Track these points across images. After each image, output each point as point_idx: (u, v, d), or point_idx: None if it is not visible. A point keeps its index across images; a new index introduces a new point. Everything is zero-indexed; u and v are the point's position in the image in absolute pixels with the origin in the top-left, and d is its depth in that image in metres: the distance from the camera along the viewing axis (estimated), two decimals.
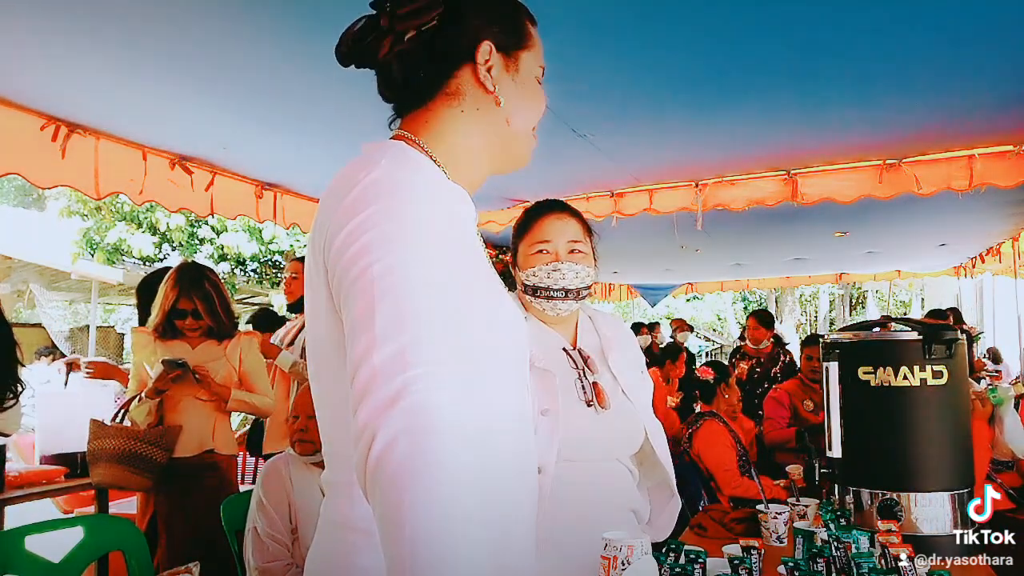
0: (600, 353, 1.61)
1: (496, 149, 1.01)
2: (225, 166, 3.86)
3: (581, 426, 1.48)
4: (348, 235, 0.81)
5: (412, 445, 0.68)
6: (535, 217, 1.63)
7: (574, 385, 1.53)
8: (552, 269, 1.56)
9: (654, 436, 1.58)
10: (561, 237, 1.59)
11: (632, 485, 1.58)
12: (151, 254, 9.90)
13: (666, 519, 1.63)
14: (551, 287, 1.56)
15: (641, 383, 1.64)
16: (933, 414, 1.76)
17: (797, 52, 2.69)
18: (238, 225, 9.75)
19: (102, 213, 9.50)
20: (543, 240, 1.59)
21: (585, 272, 1.58)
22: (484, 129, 0.98)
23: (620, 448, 1.55)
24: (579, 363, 1.57)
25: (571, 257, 1.58)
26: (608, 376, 1.58)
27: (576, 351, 1.60)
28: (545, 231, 1.60)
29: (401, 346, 0.73)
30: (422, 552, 0.64)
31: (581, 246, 1.60)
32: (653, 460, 1.60)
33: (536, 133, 1.04)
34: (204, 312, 2.86)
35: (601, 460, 1.52)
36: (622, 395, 1.56)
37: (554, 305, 1.57)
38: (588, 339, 1.64)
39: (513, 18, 1.00)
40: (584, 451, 1.48)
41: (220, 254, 10.13)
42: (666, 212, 4.49)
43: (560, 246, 1.58)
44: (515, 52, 0.99)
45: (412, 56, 0.95)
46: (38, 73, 2.72)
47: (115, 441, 2.64)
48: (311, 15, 2.34)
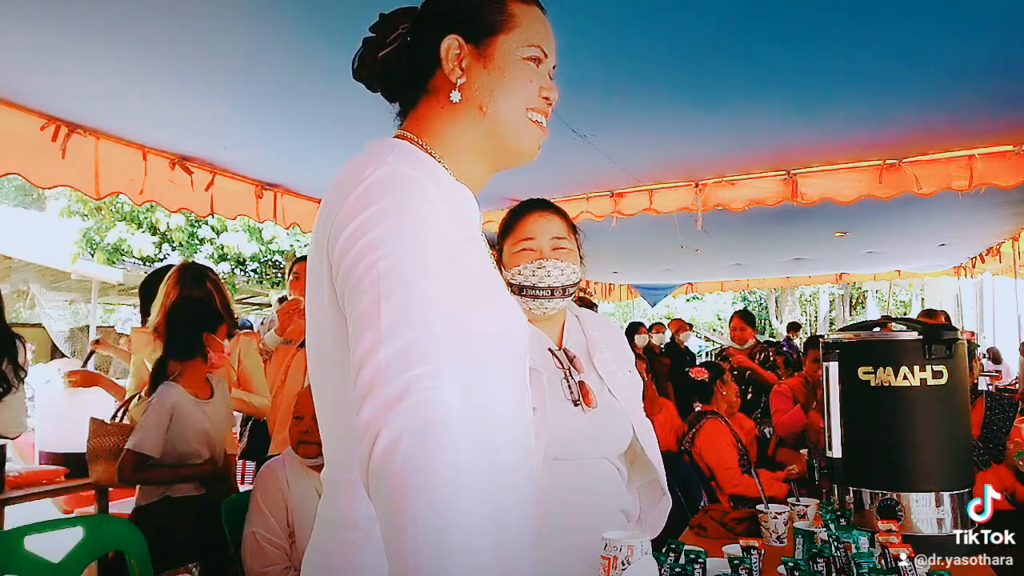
0: (586, 352, 1.61)
1: (484, 141, 0.98)
2: (225, 166, 3.86)
3: (568, 425, 1.48)
4: (353, 231, 0.81)
5: (416, 443, 0.68)
6: (519, 216, 1.64)
7: (560, 384, 1.53)
8: (537, 267, 1.56)
9: (643, 434, 1.58)
10: (545, 235, 1.59)
11: (621, 484, 1.58)
12: (151, 254, 9.91)
13: (656, 517, 1.63)
14: (536, 285, 1.56)
15: (629, 382, 1.64)
16: (933, 414, 1.76)
17: (797, 52, 2.69)
18: (238, 225, 9.76)
19: (102, 213, 9.52)
20: (527, 238, 1.59)
21: (571, 269, 1.58)
22: (467, 122, 0.97)
23: (607, 447, 1.55)
24: (565, 363, 1.57)
25: (555, 254, 1.58)
26: (594, 375, 1.58)
27: (561, 351, 1.60)
28: (529, 229, 1.60)
29: (406, 343, 0.73)
30: (425, 550, 0.64)
31: (565, 243, 1.60)
32: (643, 459, 1.60)
33: (539, 119, 0.99)
34: None
35: (589, 459, 1.52)
36: (608, 394, 1.56)
37: (540, 304, 1.57)
38: (574, 339, 1.64)
39: (484, 3, 0.98)
40: (571, 450, 1.48)
41: (220, 254, 10.14)
42: (666, 212, 4.49)
43: (544, 243, 1.58)
44: (488, 39, 0.96)
45: (396, 60, 0.99)
46: (38, 73, 2.72)
47: (114, 439, 2.65)
48: (311, 16, 2.34)
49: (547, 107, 1.00)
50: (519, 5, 0.99)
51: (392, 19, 1.00)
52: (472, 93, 0.96)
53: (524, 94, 0.97)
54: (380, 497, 0.68)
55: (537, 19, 1.00)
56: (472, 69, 0.96)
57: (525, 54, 0.97)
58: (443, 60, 0.96)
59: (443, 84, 0.97)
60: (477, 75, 0.96)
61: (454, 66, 0.96)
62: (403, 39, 0.99)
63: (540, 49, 0.99)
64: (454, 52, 0.96)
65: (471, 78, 0.96)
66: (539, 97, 0.98)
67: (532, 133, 0.99)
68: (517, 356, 0.98)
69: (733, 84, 2.98)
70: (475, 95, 0.96)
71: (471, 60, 0.96)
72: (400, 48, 0.99)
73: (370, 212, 0.81)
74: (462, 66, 0.96)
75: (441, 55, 0.96)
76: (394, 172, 0.85)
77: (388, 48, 0.99)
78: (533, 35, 0.98)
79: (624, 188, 4.57)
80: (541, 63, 0.99)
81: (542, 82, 0.99)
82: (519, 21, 0.98)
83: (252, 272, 11.31)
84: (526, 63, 0.97)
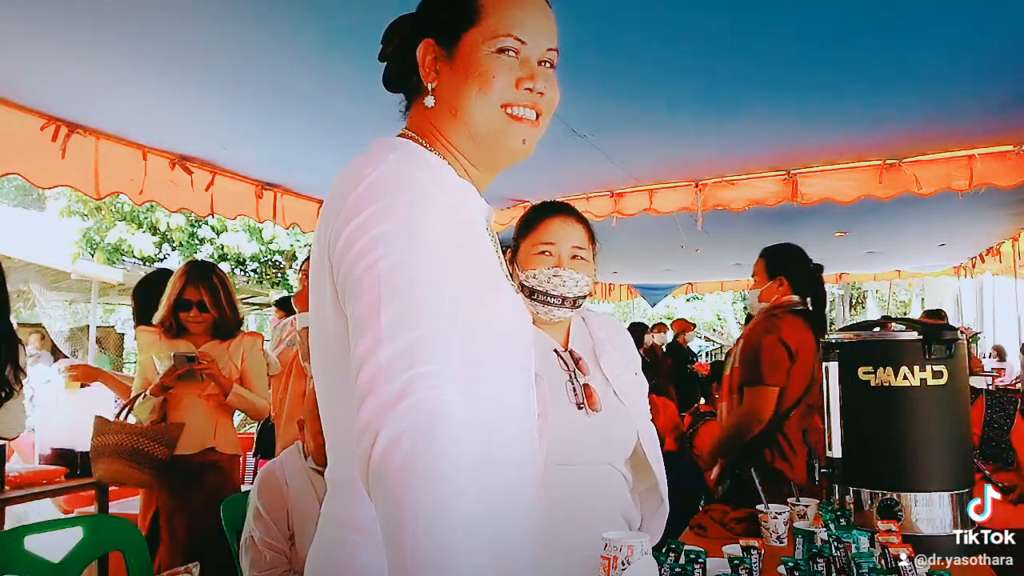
0: (592, 354, 1.60)
1: (464, 143, 0.96)
2: (225, 166, 3.86)
3: (571, 429, 1.46)
4: (354, 231, 0.80)
5: (416, 443, 0.67)
6: (541, 217, 1.62)
7: (564, 387, 1.52)
8: (553, 274, 1.55)
9: (646, 440, 1.56)
10: (566, 241, 1.58)
11: (625, 490, 1.56)
12: (151, 254, 9.91)
13: (656, 525, 1.61)
14: (550, 292, 1.55)
15: (635, 385, 1.62)
16: (933, 414, 1.76)
17: (797, 52, 2.69)
18: (238, 225, 9.76)
19: (102, 213, 9.51)
20: (547, 242, 1.58)
21: (584, 281, 1.57)
22: (444, 126, 0.97)
23: (612, 452, 1.53)
24: (570, 365, 1.56)
25: (573, 264, 1.57)
26: (600, 378, 1.57)
27: (567, 352, 1.59)
28: (550, 233, 1.59)
29: (407, 343, 0.73)
30: (424, 550, 0.64)
31: (584, 253, 1.60)
32: (645, 465, 1.58)
33: (521, 112, 0.93)
34: (210, 304, 2.86)
35: (593, 464, 1.50)
36: (614, 397, 1.55)
37: (549, 310, 1.56)
38: (580, 341, 1.63)
39: (452, 2, 0.95)
40: (575, 454, 1.46)
41: (220, 254, 10.14)
42: (666, 212, 4.50)
43: (564, 250, 1.57)
44: (456, 37, 0.94)
45: (395, 62, 1.01)
46: (38, 73, 2.72)
47: (118, 437, 2.66)
48: (311, 16, 2.34)
49: (531, 98, 0.93)
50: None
51: (393, 27, 1.02)
52: (443, 96, 0.95)
53: (495, 90, 0.91)
54: (380, 496, 0.68)
55: (512, 4, 0.94)
56: (443, 71, 0.95)
57: (496, 46, 0.92)
58: (420, 66, 0.96)
59: (423, 89, 0.97)
60: (446, 77, 0.95)
61: (429, 70, 0.96)
62: (399, 49, 1.00)
63: (514, 38, 0.92)
64: (429, 57, 0.96)
65: (441, 81, 0.95)
66: (517, 90, 0.92)
67: (513, 129, 0.93)
68: (521, 354, 0.98)
69: (733, 84, 2.98)
70: (445, 98, 0.95)
71: (442, 62, 0.96)
72: (399, 55, 1.01)
73: (371, 211, 0.81)
74: (437, 69, 0.96)
75: (419, 60, 0.96)
76: (395, 170, 0.85)
77: (390, 56, 1.02)
78: (505, 24, 0.92)
79: (624, 188, 4.57)
80: (519, 53, 0.93)
81: (519, 73, 0.92)
82: (488, 11, 0.93)
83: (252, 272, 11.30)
84: (496, 56, 0.92)
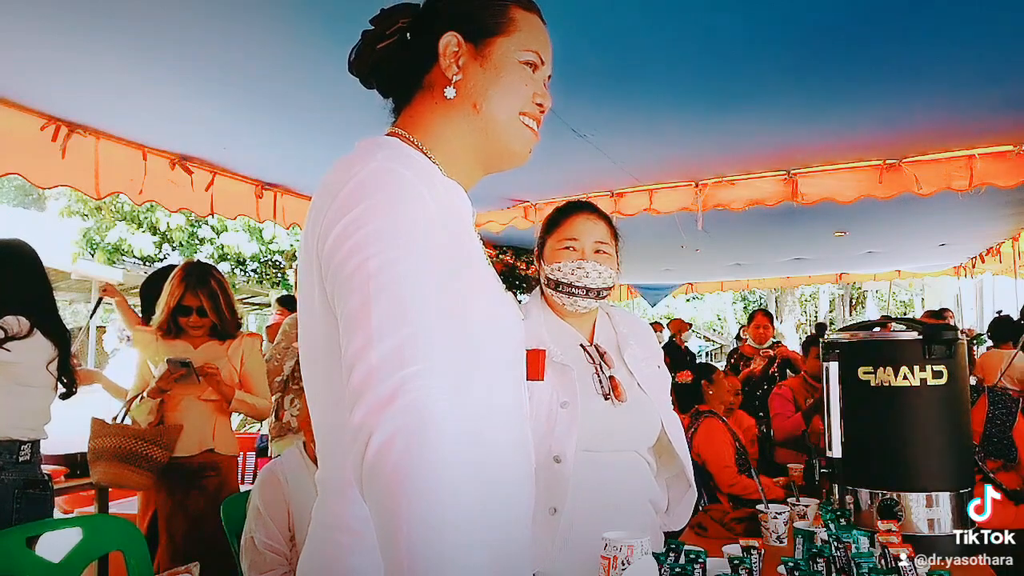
0: (616, 348, 1.67)
1: (476, 139, 0.98)
2: (225, 166, 3.86)
3: (599, 418, 1.55)
4: (343, 230, 0.80)
5: (409, 444, 0.67)
6: (565, 215, 1.71)
7: (591, 379, 1.59)
8: (577, 267, 1.63)
9: (671, 428, 1.64)
10: (589, 237, 1.66)
11: (650, 476, 1.64)
12: (151, 254, 9.90)
13: (683, 509, 1.70)
14: (574, 284, 1.63)
15: (657, 377, 1.69)
16: (933, 414, 1.76)
17: (797, 52, 2.69)
18: (238, 225, 9.75)
19: (102, 213, 9.51)
20: (571, 238, 1.66)
21: (608, 273, 1.65)
22: (460, 120, 0.97)
23: (637, 440, 1.61)
24: (596, 358, 1.63)
25: (596, 257, 1.65)
26: (624, 370, 1.64)
27: (593, 347, 1.66)
28: (574, 229, 1.67)
29: (397, 343, 0.73)
30: (419, 551, 0.64)
31: (607, 247, 1.67)
32: (670, 452, 1.66)
33: (531, 123, 0.99)
34: (209, 309, 2.85)
35: (619, 451, 1.58)
36: (638, 388, 1.62)
37: (574, 301, 1.64)
38: (605, 335, 1.70)
39: (486, 5, 0.99)
40: (602, 442, 1.55)
41: (220, 254, 10.13)
42: (666, 212, 4.50)
43: (587, 245, 1.65)
44: (486, 39, 0.97)
45: (393, 54, 1.00)
46: (38, 73, 2.72)
47: (115, 440, 2.64)
48: (311, 16, 2.34)
49: (539, 114, 1.00)
50: (520, 11, 1.00)
51: (393, 13, 1.01)
52: (467, 90, 0.96)
53: (518, 97, 0.97)
54: (373, 498, 0.68)
55: (537, 27, 1.01)
56: (469, 67, 0.97)
57: (522, 58, 0.98)
58: (441, 56, 0.96)
59: (439, 80, 0.97)
60: (473, 73, 0.97)
61: (451, 62, 0.96)
62: (402, 33, 1.00)
63: (537, 55, 0.99)
64: (452, 48, 0.96)
65: (467, 75, 0.96)
66: (532, 102, 0.99)
67: (524, 136, 0.99)
68: (511, 351, 0.98)
69: (733, 84, 2.99)
70: (470, 92, 0.96)
71: (468, 58, 0.97)
72: (398, 42, 1.00)
73: (358, 210, 0.80)
74: (459, 63, 0.96)
75: (439, 50, 0.96)
76: (382, 169, 0.85)
77: (387, 41, 0.99)
78: (532, 41, 0.99)
79: (624, 188, 4.58)
80: (537, 69, 1.00)
81: (536, 88, 0.99)
82: (519, 26, 0.99)
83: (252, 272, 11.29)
84: (522, 67, 0.98)
